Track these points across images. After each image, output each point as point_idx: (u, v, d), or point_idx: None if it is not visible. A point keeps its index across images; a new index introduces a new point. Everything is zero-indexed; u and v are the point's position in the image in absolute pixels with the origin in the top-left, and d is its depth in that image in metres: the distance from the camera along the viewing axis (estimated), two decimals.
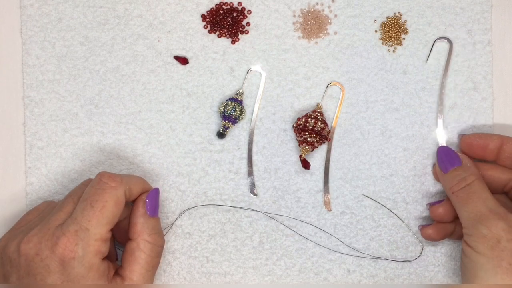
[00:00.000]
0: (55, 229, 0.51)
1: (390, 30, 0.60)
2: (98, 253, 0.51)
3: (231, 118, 0.59)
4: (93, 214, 0.51)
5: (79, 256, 0.50)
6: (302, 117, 0.59)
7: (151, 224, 0.54)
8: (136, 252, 0.53)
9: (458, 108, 0.61)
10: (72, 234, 0.50)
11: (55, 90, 0.60)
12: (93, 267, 0.50)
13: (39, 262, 0.50)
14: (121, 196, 0.52)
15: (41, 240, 0.50)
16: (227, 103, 0.59)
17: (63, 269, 0.49)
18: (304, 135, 0.58)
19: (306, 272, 0.60)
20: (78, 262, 0.50)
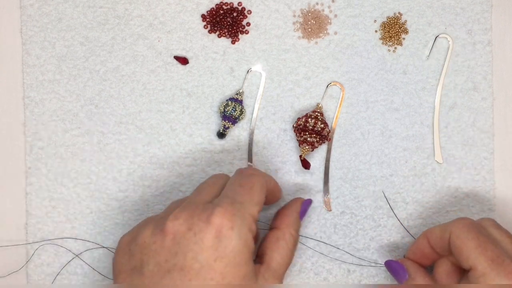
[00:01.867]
0: (205, 204, 0.48)
1: (390, 30, 0.60)
2: (251, 230, 0.49)
3: (231, 118, 0.59)
4: (244, 192, 0.50)
5: (238, 225, 0.47)
6: (302, 117, 0.59)
7: (299, 223, 0.55)
8: (281, 241, 0.53)
9: (458, 108, 0.61)
10: (228, 205, 0.48)
11: (55, 90, 0.60)
12: (247, 243, 0.48)
13: (192, 238, 0.46)
14: (264, 183, 0.52)
15: (193, 214, 0.47)
16: (227, 103, 0.59)
17: (218, 243, 0.46)
18: (304, 135, 0.58)
19: (306, 272, 0.60)
20: (236, 234, 0.47)
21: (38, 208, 0.60)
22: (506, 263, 0.49)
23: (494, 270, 0.48)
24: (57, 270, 0.59)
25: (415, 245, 0.56)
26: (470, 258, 0.50)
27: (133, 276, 0.48)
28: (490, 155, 0.61)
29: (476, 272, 0.49)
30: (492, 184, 0.60)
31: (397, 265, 0.55)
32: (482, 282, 0.48)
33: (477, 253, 0.49)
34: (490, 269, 0.48)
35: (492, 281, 0.48)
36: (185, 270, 0.46)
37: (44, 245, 0.59)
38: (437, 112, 0.60)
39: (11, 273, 0.59)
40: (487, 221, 0.54)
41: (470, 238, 0.50)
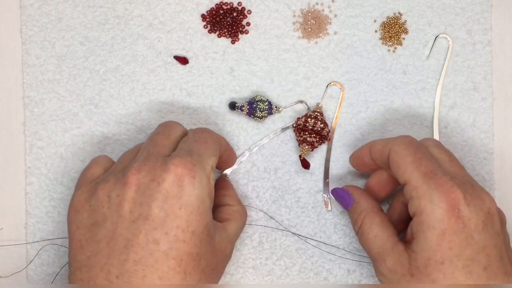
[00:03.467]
0: (164, 156, 0.49)
1: (390, 30, 0.60)
2: (211, 180, 0.50)
3: (251, 111, 0.59)
4: (199, 145, 0.51)
5: (199, 175, 0.48)
6: (302, 117, 0.59)
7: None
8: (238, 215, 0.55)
9: (458, 108, 0.61)
10: (187, 155, 0.49)
11: (55, 90, 0.60)
12: (209, 192, 0.49)
13: (155, 187, 0.47)
14: (216, 140, 0.53)
15: (155, 166, 0.48)
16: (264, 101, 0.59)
17: (181, 191, 0.48)
18: (304, 135, 0.58)
19: (306, 272, 0.60)
20: (198, 182, 0.48)
21: (38, 207, 0.60)
22: (438, 177, 0.49)
23: (426, 183, 0.49)
24: (57, 270, 0.59)
25: (358, 152, 0.57)
26: (405, 172, 0.50)
27: (94, 230, 0.48)
28: (490, 155, 0.61)
29: (409, 186, 0.50)
30: (492, 184, 0.60)
31: (342, 192, 0.56)
32: (414, 196, 0.49)
33: (412, 168, 0.50)
34: (422, 182, 0.49)
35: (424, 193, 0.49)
36: (150, 219, 0.47)
37: (46, 245, 0.59)
38: (437, 112, 0.60)
39: (13, 273, 0.59)
40: (430, 141, 0.55)
41: (407, 154, 0.51)
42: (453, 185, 0.49)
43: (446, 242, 0.48)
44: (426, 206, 0.49)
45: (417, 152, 0.51)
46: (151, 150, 0.50)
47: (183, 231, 0.47)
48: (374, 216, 0.53)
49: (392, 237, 0.51)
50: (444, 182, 0.49)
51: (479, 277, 0.47)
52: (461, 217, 0.48)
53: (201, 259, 0.48)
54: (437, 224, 0.48)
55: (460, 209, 0.48)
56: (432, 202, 0.48)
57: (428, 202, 0.49)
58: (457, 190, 0.49)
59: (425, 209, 0.49)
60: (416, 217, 0.50)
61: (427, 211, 0.48)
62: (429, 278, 0.48)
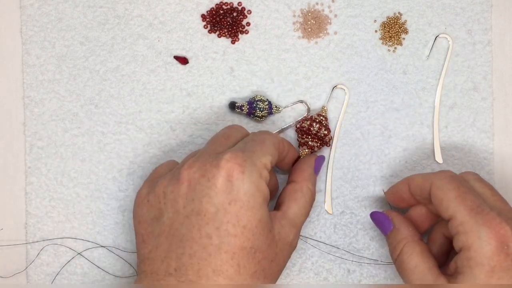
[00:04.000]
0: (217, 154, 0.50)
1: (390, 30, 0.60)
2: (262, 176, 0.50)
3: (251, 111, 0.59)
4: (255, 144, 0.51)
5: (248, 170, 0.49)
6: (307, 119, 0.59)
7: (315, 178, 0.56)
8: (298, 193, 0.54)
9: (458, 108, 0.61)
10: (238, 152, 0.49)
11: (55, 90, 0.60)
12: (260, 187, 0.49)
13: (205, 183, 0.48)
14: (276, 142, 0.53)
15: (205, 162, 0.49)
16: (264, 101, 0.59)
17: (230, 187, 0.48)
18: (306, 138, 0.58)
19: (306, 272, 0.60)
20: (248, 177, 0.48)
21: (38, 207, 0.60)
22: (485, 212, 0.49)
23: (473, 219, 0.48)
24: (57, 270, 0.59)
25: (395, 188, 0.57)
26: (450, 207, 0.50)
27: (153, 225, 0.50)
28: (490, 155, 0.61)
29: (455, 221, 0.50)
30: (492, 184, 0.60)
31: (381, 216, 0.56)
32: (461, 231, 0.49)
33: (457, 203, 0.50)
34: (469, 217, 0.49)
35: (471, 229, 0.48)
36: (202, 214, 0.48)
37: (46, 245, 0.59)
38: (437, 112, 0.60)
39: (15, 273, 0.59)
40: (470, 174, 0.54)
41: (450, 188, 0.51)
42: (502, 221, 0.48)
43: (495, 279, 0.47)
44: (474, 242, 0.48)
45: (461, 186, 0.51)
46: (207, 148, 0.52)
47: (233, 226, 0.48)
48: (414, 245, 0.52)
49: (433, 269, 0.51)
50: (492, 217, 0.48)
51: None
52: (510, 254, 0.47)
53: (256, 252, 0.48)
54: (486, 260, 0.47)
55: (510, 245, 0.47)
56: (480, 238, 0.48)
57: (476, 238, 0.48)
58: (506, 227, 0.48)
59: (473, 245, 0.48)
60: (463, 252, 0.49)
61: (475, 247, 0.48)
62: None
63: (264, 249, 0.49)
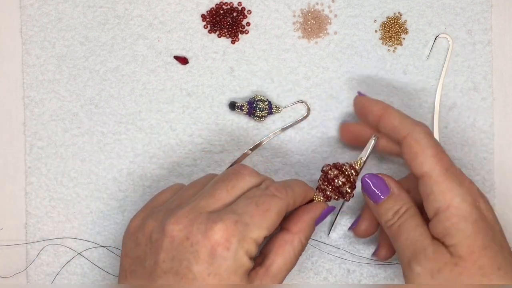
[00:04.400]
0: (209, 214, 0.47)
1: (390, 30, 0.60)
2: (249, 253, 0.47)
3: (251, 111, 0.59)
4: (256, 213, 0.48)
5: (234, 248, 0.46)
6: (337, 167, 0.53)
7: (312, 230, 0.52)
8: (288, 246, 0.50)
9: (457, 108, 0.61)
10: (231, 223, 0.46)
11: (55, 90, 0.60)
12: (243, 265, 0.47)
13: (188, 247, 0.46)
14: (283, 208, 0.49)
15: (193, 223, 0.47)
16: (264, 101, 0.59)
17: (212, 259, 0.46)
18: (326, 186, 0.53)
19: (306, 272, 0.60)
20: (231, 255, 0.46)
21: (38, 208, 0.60)
22: (457, 172, 0.50)
23: (449, 178, 0.49)
24: (57, 270, 0.59)
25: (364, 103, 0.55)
26: (425, 164, 0.50)
27: (137, 265, 0.48)
28: (490, 155, 0.61)
29: (429, 180, 0.49)
30: (492, 184, 0.60)
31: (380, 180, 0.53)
32: (437, 190, 0.49)
33: (434, 162, 0.50)
34: (445, 177, 0.49)
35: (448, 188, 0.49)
36: (180, 275, 0.46)
37: (46, 245, 0.59)
38: (437, 112, 0.60)
39: (15, 273, 0.59)
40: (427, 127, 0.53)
41: (428, 146, 0.50)
42: (471, 181, 0.50)
43: (482, 230, 0.48)
44: (453, 199, 0.49)
45: (437, 145, 0.51)
46: (202, 200, 0.49)
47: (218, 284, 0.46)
48: (416, 213, 0.51)
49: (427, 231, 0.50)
50: (464, 178, 0.50)
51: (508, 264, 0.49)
52: (480, 209, 0.49)
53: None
54: (468, 215, 0.48)
55: (479, 200, 0.50)
56: (459, 196, 0.49)
57: (455, 196, 0.49)
58: (474, 186, 0.50)
59: (453, 203, 0.49)
60: (443, 213, 0.49)
61: (455, 204, 0.49)
62: (476, 264, 0.48)
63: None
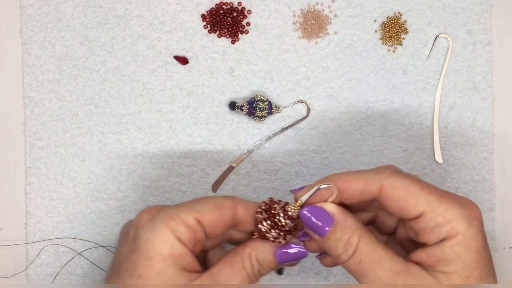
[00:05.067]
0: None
1: (390, 30, 0.60)
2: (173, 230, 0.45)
3: (251, 111, 0.59)
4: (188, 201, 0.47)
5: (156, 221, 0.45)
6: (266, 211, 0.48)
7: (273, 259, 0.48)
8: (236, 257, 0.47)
9: (458, 108, 0.61)
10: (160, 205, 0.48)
11: (55, 90, 0.60)
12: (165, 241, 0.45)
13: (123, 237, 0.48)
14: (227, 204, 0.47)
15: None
16: (264, 101, 0.59)
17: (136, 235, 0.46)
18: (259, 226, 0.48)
19: (306, 272, 0.60)
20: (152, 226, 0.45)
21: (38, 208, 0.60)
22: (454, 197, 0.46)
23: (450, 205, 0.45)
24: (57, 270, 0.59)
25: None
26: (419, 202, 0.45)
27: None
28: (490, 155, 0.61)
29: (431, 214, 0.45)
30: (492, 184, 0.60)
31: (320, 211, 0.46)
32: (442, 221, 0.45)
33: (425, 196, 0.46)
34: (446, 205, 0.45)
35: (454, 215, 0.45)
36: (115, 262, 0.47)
37: (46, 245, 0.59)
38: (437, 112, 0.60)
39: (15, 273, 0.59)
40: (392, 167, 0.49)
41: (409, 184, 0.46)
42: (470, 200, 0.47)
43: (481, 259, 0.46)
44: (460, 226, 0.45)
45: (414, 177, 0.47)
46: None
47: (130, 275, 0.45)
48: (370, 235, 0.46)
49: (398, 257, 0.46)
50: (463, 199, 0.47)
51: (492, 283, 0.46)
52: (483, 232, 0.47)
53: None
54: (473, 242, 0.45)
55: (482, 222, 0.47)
56: (467, 222, 0.45)
57: (462, 222, 0.45)
58: (474, 205, 0.47)
59: (461, 230, 0.45)
60: (447, 241, 0.45)
61: (462, 231, 0.45)
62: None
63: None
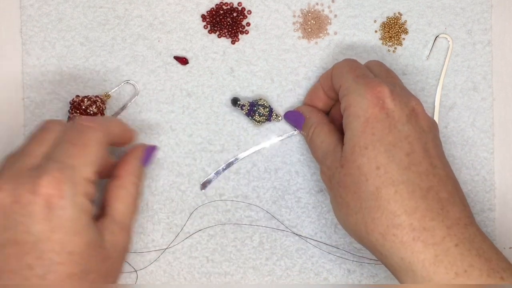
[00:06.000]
0: (29, 171, 0.45)
1: (390, 30, 0.60)
2: (87, 194, 0.46)
3: (252, 113, 0.59)
4: (77, 151, 0.46)
5: (68, 195, 0.44)
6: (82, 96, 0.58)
7: (141, 170, 0.53)
8: (122, 190, 0.51)
9: (457, 108, 0.61)
10: (55, 171, 0.44)
11: (55, 90, 0.60)
12: (84, 209, 0.45)
13: (19, 210, 0.43)
14: (101, 137, 0.48)
15: (17, 184, 0.44)
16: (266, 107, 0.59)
17: (49, 213, 0.44)
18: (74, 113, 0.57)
19: (306, 272, 0.60)
20: (69, 202, 0.44)
21: None
22: (368, 78, 0.52)
23: (356, 82, 0.52)
24: None
25: (311, 89, 0.59)
26: (341, 78, 0.53)
27: None
28: (490, 155, 0.61)
29: (342, 87, 0.53)
30: (492, 184, 0.60)
31: (294, 113, 0.59)
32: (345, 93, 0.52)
33: (346, 73, 0.53)
34: (353, 82, 0.52)
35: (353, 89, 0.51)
36: (20, 244, 0.44)
37: None
38: (437, 112, 0.60)
39: None
40: (373, 61, 0.57)
41: (345, 65, 0.54)
42: (380, 82, 0.51)
43: (369, 129, 0.50)
44: (354, 99, 0.51)
45: (355, 63, 0.55)
46: (18, 162, 0.46)
47: (58, 254, 0.44)
48: (322, 126, 0.56)
49: (336, 141, 0.54)
50: (372, 80, 0.52)
51: (401, 161, 0.49)
52: (385, 108, 0.50)
53: (88, 273, 0.45)
54: (362, 112, 0.50)
55: (385, 101, 0.50)
56: (359, 95, 0.51)
57: (356, 95, 0.51)
58: (383, 86, 0.51)
59: (353, 102, 0.51)
60: (345, 112, 0.52)
61: (354, 103, 0.51)
62: (355, 164, 0.50)
63: (97, 267, 0.46)
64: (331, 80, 0.56)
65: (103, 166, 0.49)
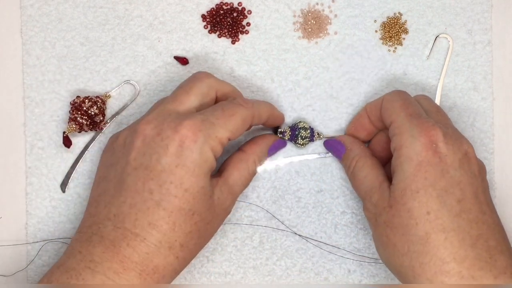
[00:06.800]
0: (178, 114, 0.52)
1: (390, 30, 0.60)
2: (215, 151, 0.51)
3: (294, 138, 0.59)
4: (222, 115, 0.52)
5: (200, 141, 0.50)
6: (83, 97, 0.59)
7: (265, 155, 0.58)
8: (243, 163, 0.56)
9: (457, 108, 0.61)
10: (198, 120, 0.51)
11: (55, 90, 0.60)
12: (207, 160, 0.51)
13: (159, 142, 0.50)
14: (248, 117, 0.53)
15: (163, 122, 0.51)
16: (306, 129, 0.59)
17: (180, 151, 0.50)
18: (76, 114, 0.58)
19: (306, 272, 0.60)
20: (198, 148, 0.50)
21: (39, 208, 0.60)
22: (421, 118, 0.52)
23: (409, 122, 0.51)
24: None
25: (355, 117, 0.59)
26: (393, 114, 0.53)
27: (109, 170, 0.53)
28: (490, 155, 0.61)
29: (394, 125, 0.53)
30: (492, 184, 0.60)
31: (334, 142, 0.59)
32: (397, 132, 0.52)
33: (399, 110, 0.53)
34: (406, 121, 0.52)
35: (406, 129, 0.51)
36: (149, 169, 0.50)
37: (45, 244, 0.59)
38: None
39: (14, 273, 0.59)
40: (421, 95, 0.57)
41: (397, 99, 0.54)
42: (434, 124, 0.51)
43: (422, 173, 0.50)
44: (406, 140, 0.51)
45: (408, 99, 0.54)
46: (168, 104, 0.53)
47: (175, 187, 0.50)
48: (366, 160, 0.56)
49: (381, 176, 0.54)
50: (426, 121, 0.51)
51: (453, 208, 0.49)
52: (438, 152, 0.50)
53: (194, 214, 0.50)
54: (414, 156, 0.50)
55: (438, 145, 0.50)
56: (412, 136, 0.51)
57: (408, 136, 0.51)
58: (437, 129, 0.51)
59: (405, 143, 0.51)
60: (396, 152, 0.52)
61: (406, 144, 0.51)
62: (405, 207, 0.50)
63: (202, 212, 0.51)
64: (379, 110, 0.55)
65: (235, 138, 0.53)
